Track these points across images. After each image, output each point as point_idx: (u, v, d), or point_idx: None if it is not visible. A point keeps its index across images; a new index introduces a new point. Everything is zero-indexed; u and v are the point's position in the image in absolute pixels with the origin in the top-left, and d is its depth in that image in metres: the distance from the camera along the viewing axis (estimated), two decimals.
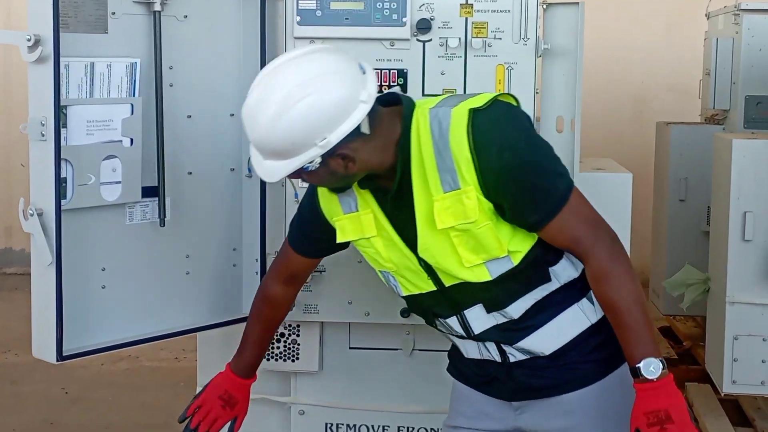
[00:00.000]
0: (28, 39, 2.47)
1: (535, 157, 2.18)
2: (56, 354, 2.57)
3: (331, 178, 2.25)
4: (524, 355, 2.32)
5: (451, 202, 2.17)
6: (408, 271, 2.34)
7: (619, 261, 2.20)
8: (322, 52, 2.20)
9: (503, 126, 2.17)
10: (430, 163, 2.18)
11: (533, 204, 2.16)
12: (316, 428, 3.12)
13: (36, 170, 2.55)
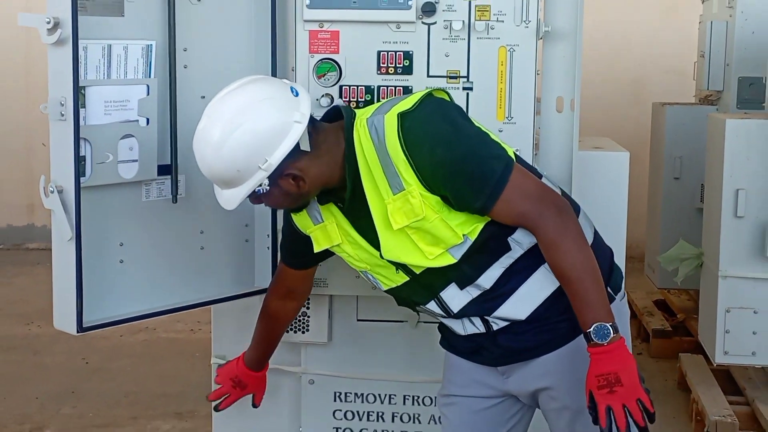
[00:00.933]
0: (47, 22, 2.46)
1: (466, 147, 2.21)
2: (77, 325, 2.57)
3: (288, 199, 2.34)
4: (505, 322, 2.34)
5: (401, 203, 2.22)
6: (380, 267, 2.40)
7: (567, 231, 2.20)
8: (255, 82, 2.30)
9: (430, 123, 2.22)
10: (377, 169, 2.24)
11: (474, 191, 2.19)
12: (325, 397, 3.13)
13: (56, 149, 2.55)
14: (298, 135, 2.20)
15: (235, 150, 2.20)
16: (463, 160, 2.20)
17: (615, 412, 2.07)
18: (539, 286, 2.31)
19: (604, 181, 3.10)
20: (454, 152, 2.19)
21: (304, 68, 2.87)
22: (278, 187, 2.26)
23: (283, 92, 2.28)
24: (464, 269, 2.29)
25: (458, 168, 2.19)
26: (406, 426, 3.12)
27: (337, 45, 2.85)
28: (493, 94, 2.84)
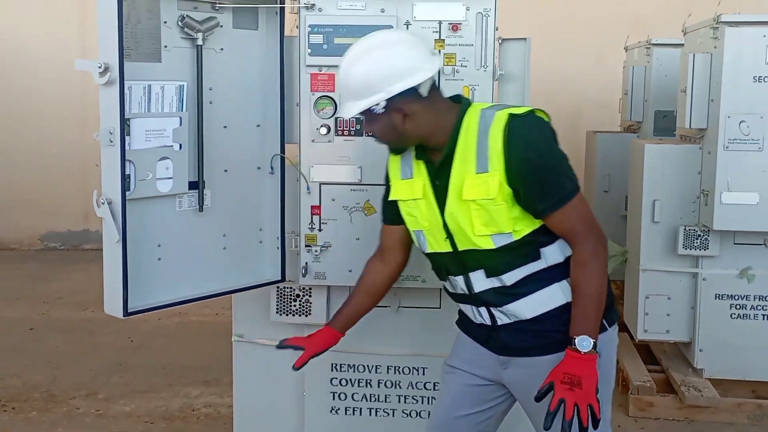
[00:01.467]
0: (99, 67, 2.46)
1: (551, 160, 2.18)
2: (123, 311, 2.57)
3: (390, 133, 2.27)
4: (509, 318, 2.29)
5: (479, 181, 2.18)
6: (435, 231, 2.33)
7: (598, 257, 2.18)
8: (404, 33, 2.36)
9: (531, 130, 2.18)
10: (472, 148, 2.20)
11: (543, 195, 2.16)
12: (324, 367, 3.12)
13: (106, 169, 2.55)
14: (422, 79, 2.19)
15: (371, 65, 2.19)
16: (545, 167, 2.17)
17: (566, 406, 2.05)
18: (550, 297, 2.25)
19: None
20: (541, 159, 2.16)
21: (306, 103, 2.86)
22: (388, 116, 2.22)
23: (426, 47, 2.28)
24: (496, 262, 2.25)
25: (539, 172, 2.16)
26: (389, 390, 3.12)
27: (333, 85, 2.84)
28: None
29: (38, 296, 6.64)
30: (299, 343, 2.59)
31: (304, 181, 2.90)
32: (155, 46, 2.64)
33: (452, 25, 2.80)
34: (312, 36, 2.81)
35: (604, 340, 2.25)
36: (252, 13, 2.88)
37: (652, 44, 5.82)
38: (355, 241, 2.91)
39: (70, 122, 8.14)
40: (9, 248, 8.43)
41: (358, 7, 2.80)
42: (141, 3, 2.58)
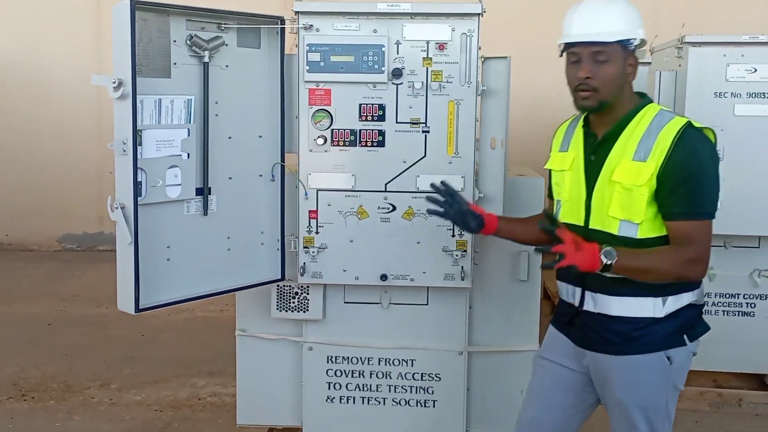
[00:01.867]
0: (113, 82, 2.47)
1: (705, 176, 2.13)
2: (134, 307, 2.59)
3: (617, 80, 2.18)
4: (595, 307, 2.25)
5: (633, 167, 2.14)
6: (574, 203, 2.30)
7: (682, 267, 2.12)
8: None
9: (703, 145, 2.14)
10: (637, 137, 2.16)
11: (681, 201, 2.11)
12: (320, 360, 3.14)
13: (119, 176, 2.56)
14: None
15: (631, 8, 2.21)
16: (697, 179, 2.11)
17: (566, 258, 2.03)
18: (641, 307, 2.20)
19: (526, 198, 3.11)
20: (698, 171, 2.11)
21: (305, 116, 2.88)
22: (624, 61, 2.18)
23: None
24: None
25: (690, 180, 2.10)
26: (381, 380, 3.12)
27: (329, 99, 2.86)
28: (445, 135, 2.86)
29: (56, 294, 6.62)
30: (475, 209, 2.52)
31: (303, 187, 2.91)
32: (165, 63, 2.65)
33: (439, 45, 2.82)
34: (310, 54, 2.83)
35: (683, 358, 2.23)
36: (255, 33, 2.89)
37: None
38: (349, 243, 2.92)
39: (86, 133, 8.13)
40: (29, 249, 8.41)
41: (352, 28, 2.82)
42: (152, 23, 2.59)
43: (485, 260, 3.10)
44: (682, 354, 2.23)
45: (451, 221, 2.49)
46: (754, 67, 4.00)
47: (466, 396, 3.13)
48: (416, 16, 2.81)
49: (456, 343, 3.09)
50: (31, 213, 8.38)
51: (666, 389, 2.24)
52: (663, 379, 2.23)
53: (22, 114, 8.27)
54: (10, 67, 8.21)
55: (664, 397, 2.25)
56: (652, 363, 2.21)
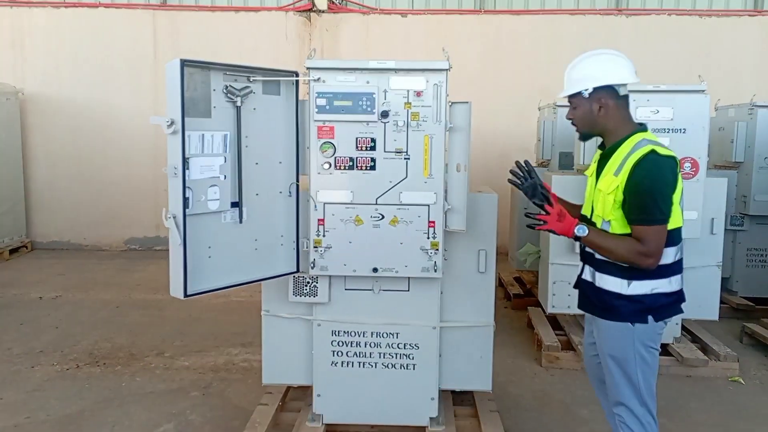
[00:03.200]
0: (167, 121, 2.48)
1: (656, 192, 2.20)
2: (183, 293, 2.58)
3: (586, 118, 2.34)
4: (590, 278, 2.40)
5: (611, 180, 2.27)
6: (589, 200, 2.46)
7: (633, 256, 2.22)
8: (623, 54, 2.36)
9: (655, 167, 2.20)
10: (621, 157, 2.27)
11: (636, 210, 2.21)
12: (327, 333, 3.12)
13: (172, 193, 2.56)
14: (620, 81, 2.28)
15: (594, 63, 2.29)
16: (647, 194, 2.19)
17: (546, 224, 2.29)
18: (615, 284, 2.31)
19: (484, 211, 3.13)
20: (649, 187, 2.19)
21: (314, 146, 2.87)
22: (590, 104, 2.29)
23: (633, 69, 2.33)
24: None
25: (643, 196, 2.20)
26: (372, 349, 3.11)
27: (333, 133, 2.86)
28: (421, 161, 2.87)
29: (123, 284, 6.58)
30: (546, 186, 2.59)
31: (313, 201, 2.91)
32: (207, 107, 2.66)
33: (416, 92, 2.83)
34: (318, 99, 2.83)
35: (647, 329, 2.29)
36: (276, 83, 2.90)
37: (557, 105, 5.87)
38: (348, 244, 2.92)
39: (145, 160, 8.12)
40: (102, 250, 8.36)
41: (350, 80, 2.83)
42: (197, 76, 2.60)
43: (453, 257, 3.11)
44: (646, 326, 2.31)
45: (523, 192, 2.53)
46: (657, 109, 4.04)
47: (438, 360, 3.13)
48: (399, 71, 2.82)
49: (431, 320, 3.09)
50: (103, 222, 8.36)
51: (632, 347, 2.31)
52: (629, 340, 2.32)
53: (95, 146, 8.25)
54: (86, 111, 8.21)
55: (632, 352, 2.32)
56: (620, 328, 2.32)
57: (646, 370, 2.34)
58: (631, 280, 2.28)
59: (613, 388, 2.39)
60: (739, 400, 3.88)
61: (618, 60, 2.31)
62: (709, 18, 7.95)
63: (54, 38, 8.13)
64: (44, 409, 3.65)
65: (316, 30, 8.13)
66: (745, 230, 5.56)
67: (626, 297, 2.29)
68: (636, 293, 2.28)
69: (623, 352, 2.32)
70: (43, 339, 4.81)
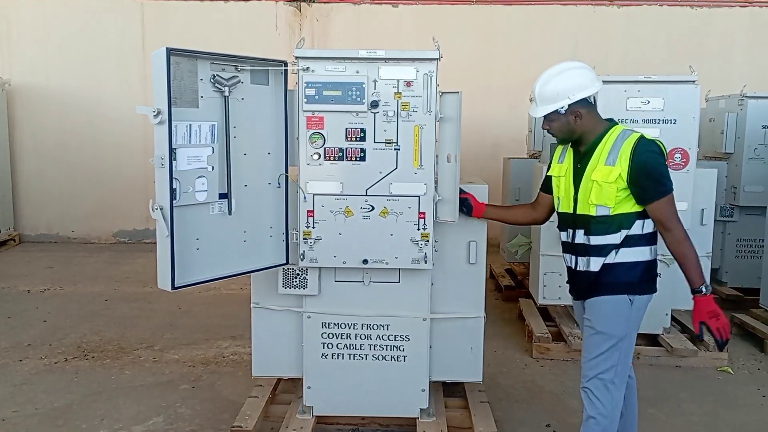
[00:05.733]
0: (153, 111, 2.45)
1: (659, 168, 2.34)
2: (171, 286, 2.57)
3: (565, 128, 2.44)
4: (584, 267, 2.49)
5: (605, 170, 2.38)
6: (567, 198, 2.53)
7: (687, 237, 2.36)
8: (581, 62, 2.48)
9: (652, 149, 2.35)
10: (607, 149, 2.40)
11: (650, 188, 2.34)
12: (316, 326, 3.11)
13: (159, 184, 2.53)
14: (593, 92, 2.40)
15: (563, 80, 2.39)
16: (657, 171, 2.34)
17: (722, 330, 2.29)
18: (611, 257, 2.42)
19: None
20: (653, 166, 2.33)
21: (303, 137, 2.85)
22: (566, 117, 2.40)
23: (593, 72, 2.45)
24: (591, 227, 2.43)
25: (652, 174, 2.33)
26: (363, 341, 3.10)
27: (323, 124, 2.84)
28: (411, 152, 2.85)
29: (112, 276, 6.55)
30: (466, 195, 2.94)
31: (302, 192, 2.89)
32: (194, 97, 2.62)
33: (407, 83, 2.81)
34: (307, 89, 2.81)
35: (637, 303, 2.44)
36: (264, 73, 2.87)
37: None
38: (338, 235, 2.91)
39: (134, 151, 8.07)
40: (90, 242, 8.31)
41: (339, 70, 2.80)
42: (184, 65, 2.56)
43: (443, 248, 3.10)
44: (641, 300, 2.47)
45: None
46: (648, 100, 4.04)
47: (429, 352, 3.12)
48: (389, 60, 2.79)
49: (421, 311, 3.08)
50: (92, 214, 8.30)
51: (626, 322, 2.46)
52: (623, 315, 2.45)
53: (84, 138, 8.19)
54: (75, 102, 8.13)
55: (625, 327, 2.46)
56: (619, 303, 2.45)
57: (629, 342, 2.49)
58: (619, 249, 2.43)
59: (592, 361, 2.49)
60: (728, 390, 3.91)
61: (585, 72, 2.44)
62: (700, 9, 7.95)
63: (41, 29, 8.04)
64: (32, 403, 3.62)
65: (306, 20, 8.07)
66: (735, 221, 5.59)
67: (621, 265, 2.42)
68: (626, 260, 2.43)
69: (618, 327, 2.45)
70: (31, 332, 4.78)
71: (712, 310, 2.31)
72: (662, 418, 3.53)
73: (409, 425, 3.18)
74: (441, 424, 3.09)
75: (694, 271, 2.34)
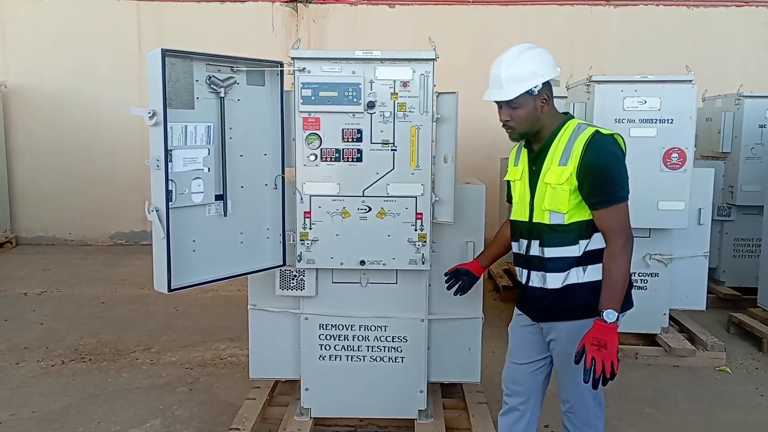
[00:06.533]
0: (149, 113, 2.44)
1: (613, 169, 2.10)
2: (167, 288, 2.55)
3: (531, 115, 2.19)
4: (538, 282, 2.25)
5: (558, 170, 2.15)
6: (522, 204, 2.30)
7: (624, 253, 2.08)
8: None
9: (606, 145, 2.12)
10: (561, 147, 2.17)
11: (598, 192, 2.09)
12: (314, 327, 3.10)
13: (154, 186, 2.52)
14: (558, 73, 2.19)
15: (532, 58, 2.16)
16: (606, 172, 2.09)
17: (597, 362, 2.00)
18: (570, 276, 2.19)
19: (471, 202, 3.11)
20: (605, 166, 2.09)
21: (300, 138, 2.84)
22: (535, 102, 2.17)
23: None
24: (546, 237, 2.20)
25: (601, 176, 2.09)
26: (361, 342, 3.10)
27: (319, 125, 2.83)
28: (408, 153, 2.84)
29: (109, 278, 6.53)
30: (458, 266, 2.69)
31: (299, 193, 2.88)
32: (190, 98, 2.61)
33: (403, 83, 2.80)
34: (303, 90, 2.80)
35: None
36: (260, 74, 2.86)
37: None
38: (335, 236, 2.90)
39: (131, 153, 8.05)
40: (87, 244, 8.29)
41: (336, 70, 2.79)
42: (179, 67, 2.55)
43: (440, 248, 3.09)
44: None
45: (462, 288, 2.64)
46: (644, 99, 4.04)
47: (427, 353, 3.12)
48: (385, 60, 2.79)
49: (419, 312, 3.08)
50: (88, 216, 8.28)
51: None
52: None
53: (80, 139, 8.17)
54: (70, 104, 8.12)
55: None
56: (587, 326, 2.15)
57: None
58: (585, 266, 2.19)
59: (570, 387, 2.31)
60: (726, 390, 3.91)
61: (549, 53, 2.23)
62: (697, 8, 7.97)
63: (36, 30, 8.02)
64: (29, 406, 3.61)
65: (303, 21, 8.06)
66: (732, 220, 5.59)
67: (586, 285, 2.18)
68: (593, 279, 2.18)
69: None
70: (28, 335, 4.76)
71: (601, 339, 2.01)
72: (660, 418, 3.52)
73: (407, 427, 3.17)
74: (439, 425, 3.09)
75: (610, 292, 2.06)
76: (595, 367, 2.00)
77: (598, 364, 2.00)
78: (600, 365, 2.00)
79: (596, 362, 2.00)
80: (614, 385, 3.93)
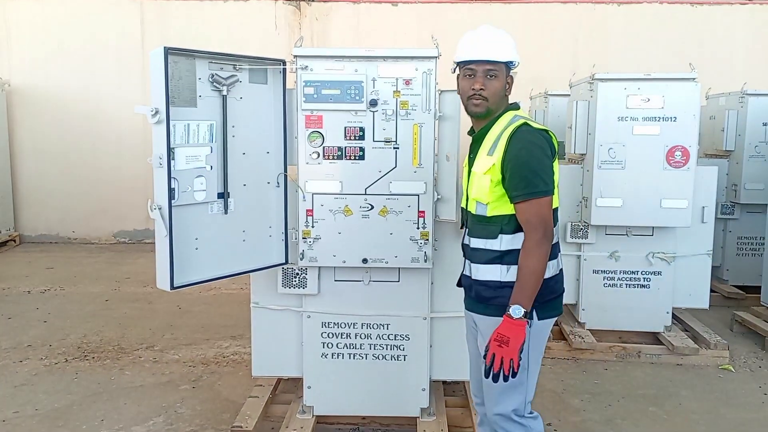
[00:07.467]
0: (151, 111, 2.43)
1: (535, 162, 2.05)
2: (170, 286, 2.55)
3: (499, 92, 2.16)
4: (471, 273, 2.22)
5: (486, 160, 2.12)
6: (464, 191, 2.30)
7: (540, 249, 2.02)
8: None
9: (531, 137, 2.07)
10: (494, 136, 2.14)
11: (518, 185, 2.04)
12: (316, 325, 3.10)
13: (157, 184, 2.52)
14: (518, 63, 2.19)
15: (507, 36, 2.16)
16: (528, 167, 2.03)
17: (496, 358, 1.97)
18: (492, 272, 2.14)
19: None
20: (528, 161, 2.03)
21: (303, 136, 2.84)
22: (504, 78, 2.16)
23: None
24: (474, 228, 2.19)
25: (523, 169, 2.03)
26: (363, 340, 3.09)
27: (322, 123, 2.83)
28: (410, 151, 2.84)
29: (112, 277, 6.54)
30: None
31: (301, 191, 2.88)
32: (192, 96, 2.61)
33: (406, 81, 2.80)
34: (306, 88, 2.79)
35: (536, 328, 2.11)
36: (263, 72, 2.86)
37: (548, 95, 5.86)
38: (337, 234, 2.90)
39: (134, 151, 8.06)
40: (91, 243, 8.31)
41: (338, 68, 2.79)
42: (182, 65, 2.55)
43: (442, 246, 3.09)
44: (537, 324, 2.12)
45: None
46: (648, 98, 4.03)
47: (429, 351, 3.12)
48: (388, 58, 2.78)
49: (421, 310, 3.08)
50: (92, 214, 8.30)
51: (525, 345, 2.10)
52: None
53: (84, 138, 8.18)
54: (74, 103, 8.14)
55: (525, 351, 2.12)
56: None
57: (534, 370, 2.19)
58: (510, 265, 2.12)
59: (493, 392, 2.20)
60: (729, 388, 3.90)
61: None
62: (700, 6, 7.94)
63: (40, 29, 8.03)
64: (32, 404, 3.62)
65: (305, 19, 8.06)
66: (736, 219, 5.58)
67: (510, 285, 2.09)
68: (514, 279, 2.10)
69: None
70: (31, 333, 4.77)
71: (504, 335, 1.97)
72: (663, 416, 3.52)
73: (409, 424, 3.17)
74: (441, 423, 3.08)
75: (519, 287, 2.01)
76: (494, 363, 1.98)
77: (497, 361, 1.98)
78: (498, 362, 1.98)
79: (495, 358, 1.98)
80: (617, 384, 3.93)
